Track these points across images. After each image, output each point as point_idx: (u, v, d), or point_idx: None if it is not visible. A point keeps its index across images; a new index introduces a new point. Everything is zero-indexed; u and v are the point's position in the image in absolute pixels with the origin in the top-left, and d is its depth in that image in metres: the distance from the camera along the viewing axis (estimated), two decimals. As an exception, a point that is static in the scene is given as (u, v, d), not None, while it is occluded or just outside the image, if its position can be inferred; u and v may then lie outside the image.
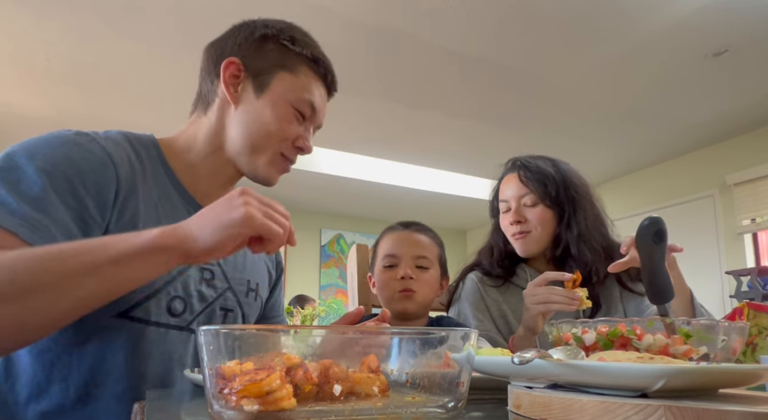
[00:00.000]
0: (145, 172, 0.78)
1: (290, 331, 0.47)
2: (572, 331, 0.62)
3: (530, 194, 1.27)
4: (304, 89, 0.84)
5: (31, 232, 0.60)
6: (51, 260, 0.55)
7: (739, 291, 3.34)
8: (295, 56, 0.84)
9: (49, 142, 0.68)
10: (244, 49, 0.83)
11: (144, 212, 0.75)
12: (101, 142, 0.73)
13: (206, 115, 0.85)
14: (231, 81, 0.82)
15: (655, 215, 0.78)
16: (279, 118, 0.82)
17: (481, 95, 3.42)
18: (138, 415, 0.54)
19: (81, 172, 0.67)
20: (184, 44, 2.84)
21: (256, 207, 0.60)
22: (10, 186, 0.62)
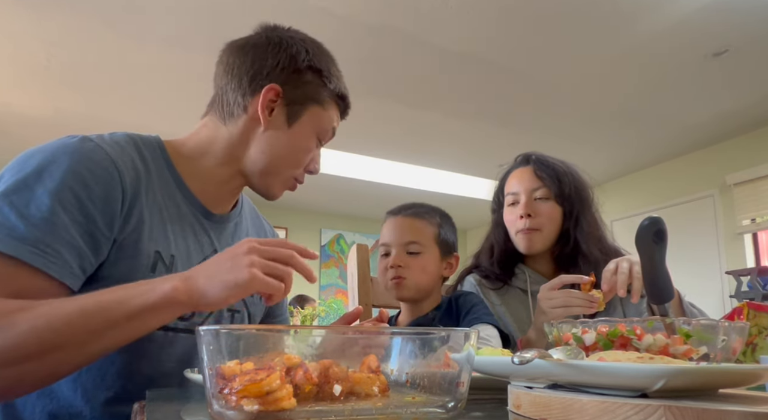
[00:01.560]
0: (149, 175, 0.77)
1: (290, 331, 0.47)
2: (572, 331, 0.62)
3: (543, 188, 1.26)
4: (329, 122, 0.89)
5: (44, 258, 0.61)
6: (73, 320, 0.57)
7: (739, 291, 3.34)
8: (328, 91, 0.87)
9: (56, 154, 0.68)
10: (285, 77, 0.83)
11: (149, 217, 0.75)
12: (106, 149, 0.72)
13: (226, 126, 0.84)
14: (267, 105, 0.82)
15: (655, 215, 0.78)
16: (304, 149, 0.86)
17: (481, 95, 3.42)
18: (138, 415, 0.54)
19: (88, 187, 0.67)
20: (184, 44, 2.84)
21: (261, 266, 0.61)
22: (18, 209, 0.62)
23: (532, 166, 1.29)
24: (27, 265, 0.60)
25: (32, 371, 0.57)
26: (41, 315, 0.56)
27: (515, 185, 1.30)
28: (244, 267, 0.60)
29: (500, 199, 1.37)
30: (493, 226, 1.39)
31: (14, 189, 0.63)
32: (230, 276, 0.60)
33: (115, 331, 0.59)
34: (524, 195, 1.27)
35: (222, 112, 0.85)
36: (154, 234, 0.75)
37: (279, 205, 5.48)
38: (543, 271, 1.33)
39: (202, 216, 0.84)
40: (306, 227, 6.02)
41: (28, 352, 0.55)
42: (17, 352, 0.55)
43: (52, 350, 0.56)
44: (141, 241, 0.73)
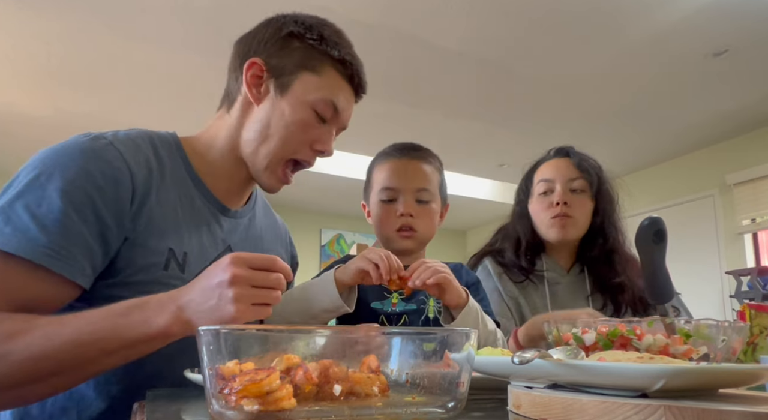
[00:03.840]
0: (164, 172, 0.77)
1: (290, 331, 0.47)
2: (572, 331, 0.62)
3: (581, 180, 1.26)
4: (327, 90, 0.82)
5: (58, 260, 0.61)
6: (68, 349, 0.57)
7: (739, 291, 3.34)
8: (321, 56, 0.81)
9: (68, 153, 0.67)
10: (269, 48, 0.80)
11: (160, 216, 0.74)
12: (118, 147, 0.71)
13: (229, 114, 0.84)
14: (253, 81, 0.80)
15: (655, 215, 0.78)
16: (297, 121, 0.80)
17: (481, 95, 3.42)
18: (138, 414, 0.54)
19: (99, 188, 0.67)
20: (184, 44, 2.84)
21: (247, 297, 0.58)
22: (31, 210, 0.62)
23: (574, 159, 1.30)
24: (41, 267, 0.60)
25: (32, 392, 0.58)
26: (37, 343, 0.57)
27: (550, 173, 1.29)
28: (230, 302, 0.57)
29: (528, 188, 1.34)
30: (517, 217, 1.36)
31: (27, 189, 0.63)
32: (217, 313, 0.58)
33: (111, 358, 0.60)
34: (560, 184, 1.26)
35: (228, 102, 0.85)
36: (167, 232, 0.74)
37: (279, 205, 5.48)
38: (562, 263, 1.33)
39: (218, 212, 0.84)
40: (306, 227, 6.02)
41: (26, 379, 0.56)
42: (15, 379, 0.56)
43: (50, 376, 0.58)
44: (152, 240, 0.72)
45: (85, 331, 0.58)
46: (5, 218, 0.61)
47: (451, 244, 6.75)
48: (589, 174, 1.27)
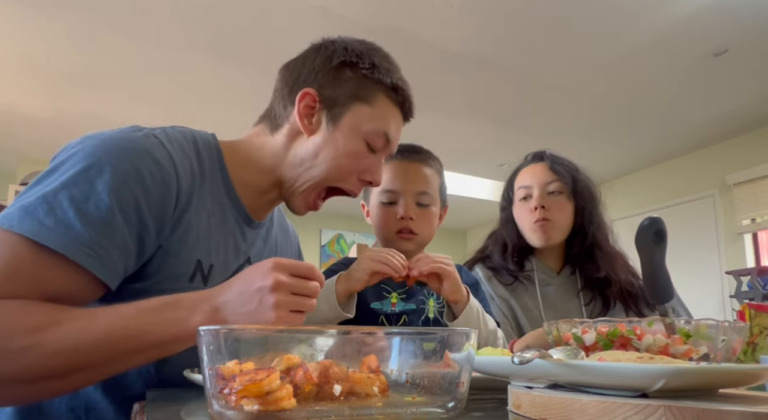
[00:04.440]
0: (204, 179, 0.75)
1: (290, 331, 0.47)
2: (572, 331, 0.62)
3: (557, 182, 1.28)
4: (378, 120, 0.81)
5: (95, 260, 0.59)
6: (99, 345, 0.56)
7: (739, 291, 3.34)
8: (373, 85, 0.80)
9: (120, 148, 0.65)
10: (321, 78, 0.79)
11: (196, 225, 0.73)
12: (169, 149, 0.70)
13: (273, 137, 0.83)
14: (305, 111, 0.79)
15: (655, 215, 0.78)
16: (348, 153, 0.80)
17: (481, 95, 3.42)
18: (138, 415, 0.54)
19: (146, 189, 0.65)
20: (184, 44, 2.84)
21: (287, 305, 0.59)
22: (76, 205, 0.59)
23: (547, 162, 1.31)
24: (76, 265, 0.58)
25: (55, 387, 0.56)
26: (68, 337, 0.55)
27: (528, 179, 1.31)
28: (271, 308, 0.58)
29: (509, 196, 1.37)
30: (503, 223, 1.39)
31: (75, 180, 0.60)
32: (256, 318, 0.58)
33: (140, 355, 0.59)
34: (537, 189, 1.28)
35: (271, 123, 0.83)
36: (198, 243, 0.73)
37: (279, 205, 5.48)
38: (552, 265, 1.34)
39: (243, 223, 0.83)
40: (306, 227, 6.02)
41: (52, 373, 0.54)
42: (41, 372, 0.54)
43: (76, 371, 0.56)
44: (184, 250, 0.71)
45: (116, 327, 0.57)
46: (48, 208, 0.58)
47: (451, 244, 6.75)
48: (564, 175, 1.28)
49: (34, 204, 0.58)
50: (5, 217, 0.57)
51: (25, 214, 0.57)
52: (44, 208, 0.58)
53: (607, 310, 1.26)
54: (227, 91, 3.36)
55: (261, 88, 3.55)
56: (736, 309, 3.56)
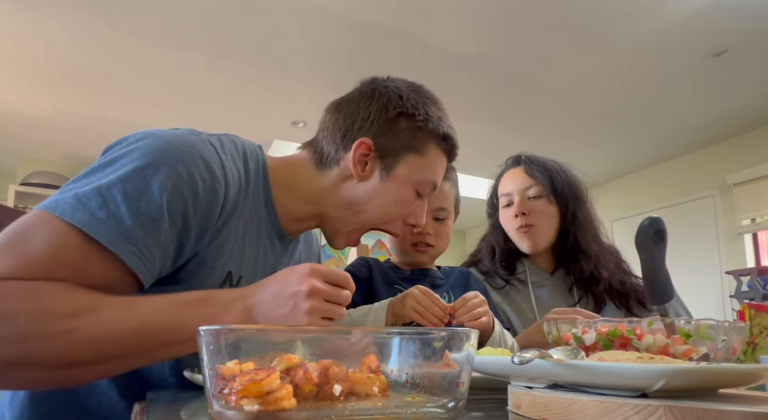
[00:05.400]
0: (248, 190, 0.75)
1: (290, 331, 0.47)
2: (572, 331, 0.62)
3: (536, 186, 1.27)
4: (429, 170, 0.84)
5: (138, 259, 0.60)
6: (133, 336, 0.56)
7: (739, 291, 3.34)
8: (426, 135, 0.82)
9: (178, 151, 0.65)
10: (376, 128, 0.80)
11: (234, 237, 0.73)
12: (222, 157, 0.70)
13: (319, 172, 0.82)
14: (359, 159, 0.80)
15: (655, 215, 0.78)
16: (398, 201, 0.82)
17: (481, 95, 3.42)
18: (138, 415, 0.54)
19: (196, 195, 0.65)
20: (184, 44, 2.84)
21: (320, 311, 0.60)
22: (129, 201, 0.59)
23: (523, 166, 1.31)
24: (119, 259, 0.58)
25: (85, 374, 0.56)
26: (104, 325, 0.55)
27: (508, 186, 1.32)
28: (304, 314, 0.59)
29: (495, 203, 1.38)
30: (491, 228, 1.41)
31: (131, 177, 0.60)
32: (290, 320, 0.59)
33: (172, 349, 0.59)
34: (517, 195, 1.29)
35: (317, 160, 0.83)
36: (233, 254, 0.74)
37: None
38: (545, 266, 1.35)
39: (276, 238, 0.83)
40: (306, 227, 6.02)
41: (85, 360, 0.54)
42: (74, 358, 0.54)
43: (108, 360, 0.56)
44: (220, 260, 0.72)
45: (151, 319, 0.57)
46: (102, 201, 0.58)
47: (451, 244, 6.73)
48: (540, 178, 1.27)
49: (88, 195, 0.58)
50: (57, 204, 0.58)
51: (78, 204, 0.58)
52: (98, 200, 0.58)
53: (599, 309, 1.27)
54: (227, 91, 3.36)
55: (261, 88, 3.55)
56: (736, 309, 3.56)
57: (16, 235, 0.56)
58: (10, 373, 0.52)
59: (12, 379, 0.54)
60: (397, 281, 1.11)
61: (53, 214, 0.57)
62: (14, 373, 0.52)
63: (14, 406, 0.71)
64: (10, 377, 0.53)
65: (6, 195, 4.32)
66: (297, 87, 3.30)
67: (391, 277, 1.13)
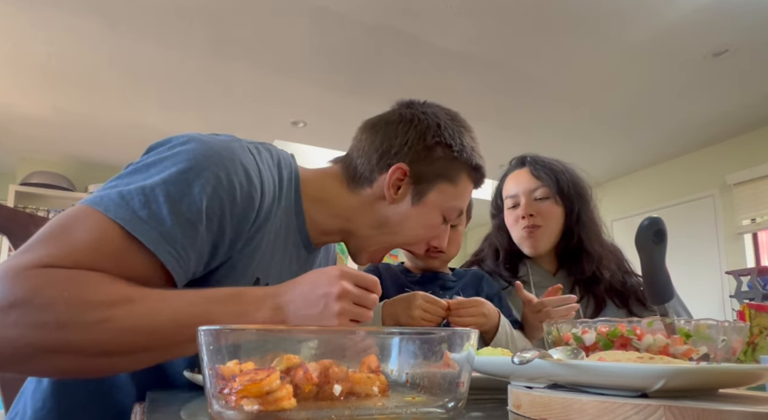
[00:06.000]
0: (280, 199, 0.77)
1: (290, 331, 0.47)
2: (572, 331, 0.62)
3: (542, 187, 1.27)
4: (458, 198, 0.87)
5: (175, 260, 0.61)
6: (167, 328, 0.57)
7: (739, 291, 3.34)
8: (460, 165, 0.85)
9: (220, 156, 0.66)
10: (413, 154, 0.82)
11: (264, 243, 0.75)
12: (260, 166, 0.72)
13: (351, 190, 0.84)
14: (394, 183, 0.82)
15: (655, 215, 0.78)
16: (426, 225, 0.85)
17: (481, 95, 3.42)
18: (138, 415, 0.54)
19: (234, 202, 0.66)
20: (184, 44, 2.84)
21: (349, 314, 0.61)
22: (171, 203, 0.61)
23: (529, 167, 1.31)
24: (156, 258, 0.60)
25: (118, 363, 0.57)
26: (139, 316, 0.56)
27: (513, 188, 1.31)
28: (334, 316, 0.60)
29: (499, 204, 1.38)
30: (495, 230, 1.40)
31: (174, 179, 0.62)
32: (319, 321, 0.60)
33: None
34: (524, 196, 1.28)
35: (349, 176, 0.85)
36: (262, 260, 0.75)
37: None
38: (547, 267, 1.34)
39: (303, 247, 0.84)
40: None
41: (119, 349, 0.55)
42: (109, 347, 0.55)
43: (141, 351, 0.57)
44: (250, 266, 0.73)
45: (183, 313, 0.58)
46: (144, 200, 0.60)
47: (451, 244, 6.72)
48: (547, 179, 1.28)
49: (132, 193, 0.60)
50: (101, 200, 0.59)
51: (122, 201, 0.59)
52: (141, 199, 0.60)
53: (600, 310, 1.27)
54: (227, 91, 3.36)
55: (261, 89, 3.55)
56: (736, 309, 3.56)
57: (60, 226, 0.58)
58: (48, 360, 0.53)
59: (48, 366, 0.55)
60: (407, 284, 1.12)
61: (97, 209, 0.58)
62: (52, 359, 0.53)
63: (36, 397, 0.72)
64: (47, 364, 0.54)
65: (6, 195, 4.32)
66: (297, 87, 3.30)
67: (401, 281, 1.14)
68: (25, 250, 0.55)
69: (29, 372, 0.61)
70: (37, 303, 0.52)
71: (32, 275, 0.53)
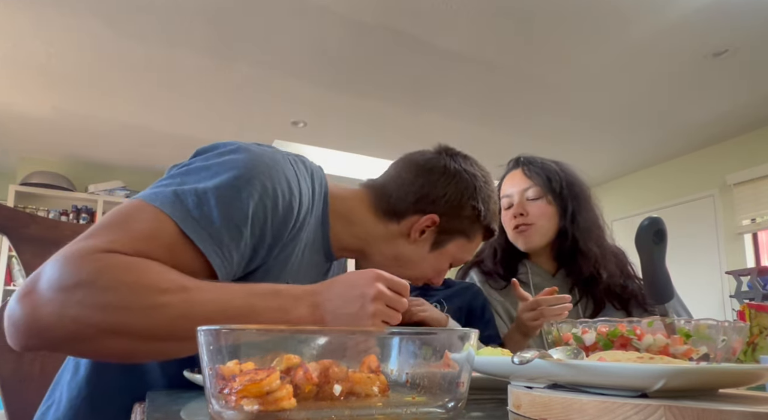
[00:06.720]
0: (312, 209, 0.80)
1: (290, 331, 0.47)
2: (572, 331, 0.62)
3: (534, 187, 1.28)
4: (470, 252, 0.94)
5: (220, 260, 0.64)
6: (215, 319, 0.58)
7: (739, 291, 3.34)
8: (480, 227, 0.92)
9: (267, 165, 0.70)
10: (447, 209, 0.88)
11: (297, 252, 0.78)
12: (299, 176, 0.76)
13: (379, 219, 0.89)
14: (421, 227, 0.88)
15: (655, 215, 0.78)
16: (434, 269, 0.92)
17: (481, 95, 3.42)
18: (138, 415, 0.54)
19: (276, 209, 0.70)
20: (184, 44, 2.84)
21: (382, 315, 0.64)
22: (222, 205, 0.64)
23: (522, 168, 1.32)
24: (203, 257, 0.63)
25: (170, 348, 0.60)
26: (192, 304, 0.58)
27: (508, 188, 1.34)
28: (369, 316, 0.63)
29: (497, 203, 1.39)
30: None
31: (226, 184, 0.66)
32: (355, 320, 0.63)
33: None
34: (517, 196, 1.30)
35: (380, 207, 0.89)
36: (293, 267, 0.78)
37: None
38: (547, 267, 1.35)
39: (324, 257, 0.88)
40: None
41: (173, 335, 0.57)
42: (164, 332, 0.57)
43: (191, 338, 0.58)
44: (283, 271, 0.76)
45: (230, 305, 0.60)
46: (197, 201, 0.63)
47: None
48: (538, 179, 1.29)
49: (186, 193, 0.64)
50: (156, 196, 0.63)
51: (177, 199, 0.63)
52: (194, 200, 0.63)
53: (599, 311, 1.27)
54: (227, 91, 3.36)
55: (261, 88, 3.55)
56: (736, 309, 3.56)
57: (117, 217, 0.61)
58: (105, 341, 0.55)
59: (104, 347, 0.56)
60: None
61: (153, 204, 0.61)
62: (109, 340, 0.55)
63: (72, 386, 0.74)
64: (103, 345, 0.55)
65: (6, 195, 4.32)
66: (297, 87, 3.30)
67: None
68: (88, 236, 0.58)
69: (85, 352, 0.63)
70: (100, 285, 0.54)
71: (96, 258, 0.55)
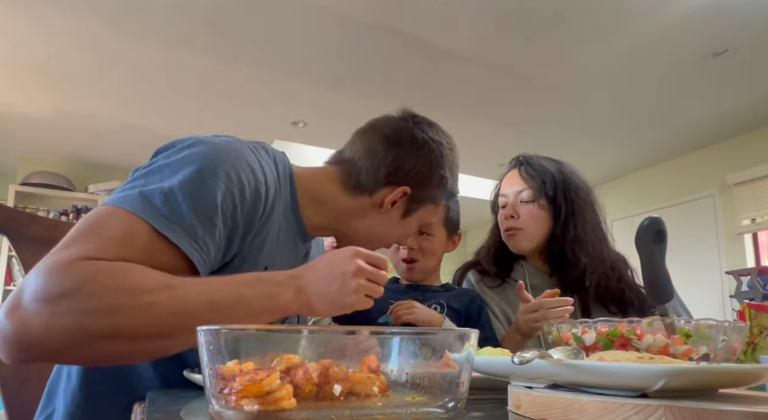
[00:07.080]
0: (279, 193, 0.81)
1: (290, 331, 0.47)
2: (572, 331, 0.62)
3: (527, 190, 1.27)
4: (435, 215, 0.99)
5: (198, 254, 0.65)
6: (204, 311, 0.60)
7: (739, 291, 3.34)
8: (445, 192, 0.95)
9: (230, 156, 0.71)
10: (417, 180, 0.90)
11: (270, 236, 0.79)
12: (262, 163, 0.76)
13: (349, 195, 0.89)
14: (393, 199, 0.89)
15: (655, 215, 0.78)
16: (404, 235, 0.96)
17: (481, 95, 3.42)
18: (138, 415, 0.54)
19: (243, 197, 0.71)
20: (184, 44, 2.84)
21: (365, 289, 0.66)
22: (191, 199, 0.65)
23: (519, 169, 1.31)
24: (181, 252, 0.63)
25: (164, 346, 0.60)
26: (180, 300, 0.59)
27: (504, 188, 1.33)
28: (352, 292, 0.65)
29: (496, 201, 1.39)
30: (493, 227, 1.42)
31: (191, 178, 0.66)
32: (339, 297, 0.65)
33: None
34: (511, 197, 1.30)
35: (348, 181, 0.89)
36: (269, 251, 0.79)
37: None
38: (540, 267, 1.34)
39: (299, 237, 0.89)
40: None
41: (165, 332, 0.58)
42: (156, 330, 0.58)
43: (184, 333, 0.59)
44: (260, 257, 0.77)
45: (219, 296, 0.61)
46: (165, 199, 0.64)
47: (451, 244, 6.72)
48: (532, 182, 1.27)
49: (152, 193, 0.64)
50: (124, 200, 0.63)
51: (144, 200, 0.63)
52: (161, 198, 0.64)
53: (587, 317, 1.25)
54: (227, 92, 3.36)
55: (261, 89, 3.55)
56: (736, 309, 3.56)
57: (89, 224, 0.61)
58: (100, 345, 0.55)
59: (100, 352, 0.57)
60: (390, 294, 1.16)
61: (122, 208, 0.62)
62: (103, 344, 0.55)
63: (66, 394, 0.75)
64: (98, 350, 0.56)
65: (6, 195, 4.32)
66: (297, 87, 3.30)
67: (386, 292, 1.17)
68: (64, 247, 0.58)
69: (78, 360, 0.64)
70: (86, 292, 0.54)
71: (78, 267, 0.56)
